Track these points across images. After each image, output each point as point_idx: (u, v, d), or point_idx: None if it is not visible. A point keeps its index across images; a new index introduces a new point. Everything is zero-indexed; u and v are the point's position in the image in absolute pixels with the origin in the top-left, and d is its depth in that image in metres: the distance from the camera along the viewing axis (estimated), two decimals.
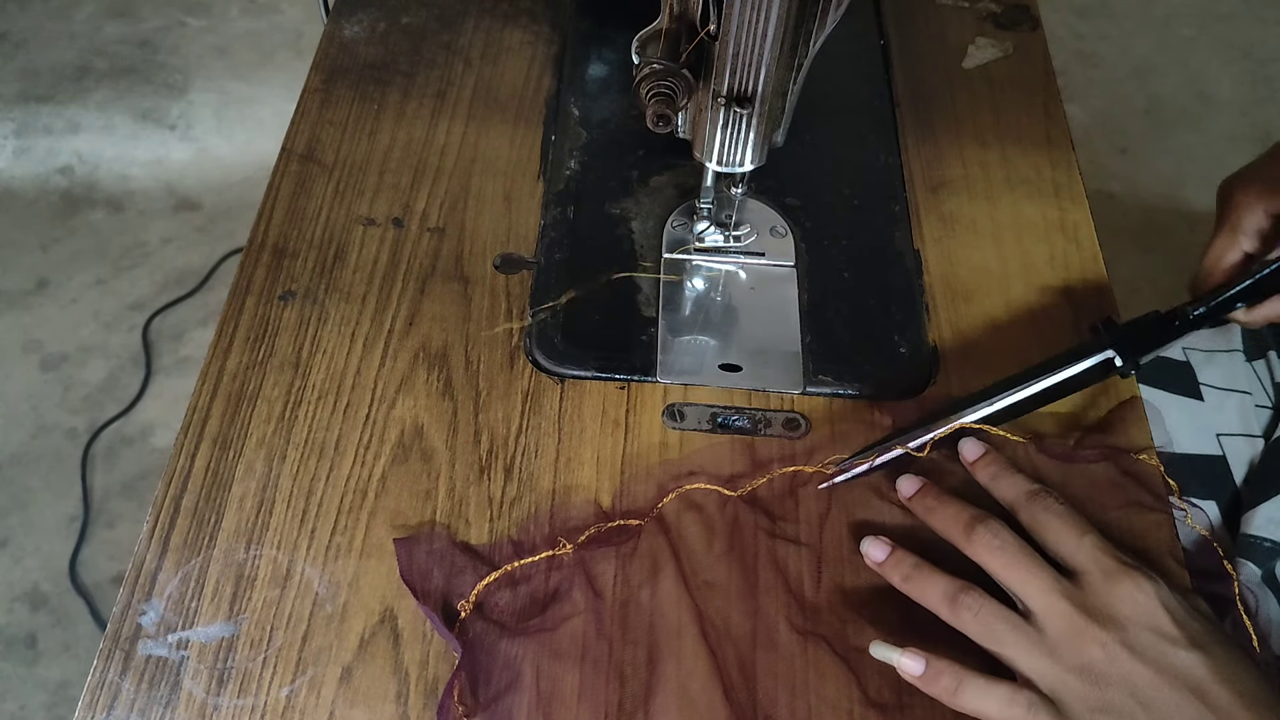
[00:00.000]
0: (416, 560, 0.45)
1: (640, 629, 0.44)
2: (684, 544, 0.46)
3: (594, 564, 0.45)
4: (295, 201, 0.58)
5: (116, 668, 0.42)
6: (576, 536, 0.46)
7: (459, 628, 0.43)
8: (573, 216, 0.58)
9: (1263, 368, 0.64)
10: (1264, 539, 0.57)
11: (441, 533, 0.46)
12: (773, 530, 0.47)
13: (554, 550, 0.45)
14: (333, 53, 0.66)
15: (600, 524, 0.46)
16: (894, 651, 0.42)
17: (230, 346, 0.52)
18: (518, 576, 0.45)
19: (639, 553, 0.46)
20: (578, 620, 0.44)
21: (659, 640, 0.43)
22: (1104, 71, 1.77)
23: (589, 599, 0.44)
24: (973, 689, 0.40)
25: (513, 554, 0.46)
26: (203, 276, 1.47)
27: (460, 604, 0.44)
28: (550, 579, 0.45)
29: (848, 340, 0.54)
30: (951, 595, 0.41)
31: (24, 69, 1.71)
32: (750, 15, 0.42)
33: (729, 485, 0.48)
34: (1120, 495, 0.48)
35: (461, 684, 0.42)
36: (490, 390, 0.51)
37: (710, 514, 0.47)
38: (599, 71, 0.66)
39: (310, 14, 1.78)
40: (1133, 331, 0.49)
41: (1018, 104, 0.65)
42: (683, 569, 0.45)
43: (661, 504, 0.47)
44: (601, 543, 0.46)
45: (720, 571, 0.45)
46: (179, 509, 0.46)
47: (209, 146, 1.63)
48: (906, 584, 0.43)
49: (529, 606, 0.44)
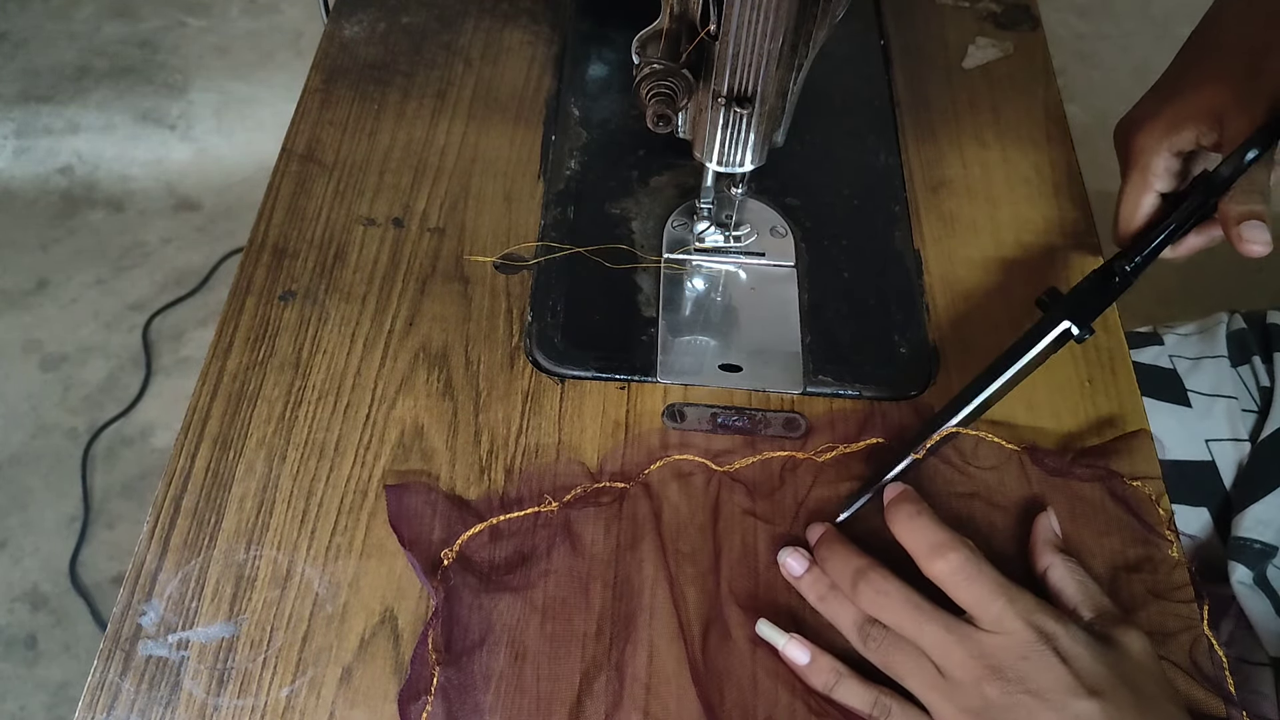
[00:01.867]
0: (406, 506, 0.46)
1: (617, 591, 0.44)
2: (666, 511, 0.47)
3: (578, 524, 0.46)
4: (295, 201, 0.58)
5: (116, 668, 0.42)
6: (565, 495, 0.47)
7: (440, 575, 0.44)
8: (573, 216, 0.58)
9: (1248, 372, 0.64)
10: (1254, 541, 0.57)
11: (433, 483, 0.47)
12: (752, 510, 0.47)
13: (539, 507, 0.46)
14: (333, 53, 0.66)
15: (587, 484, 0.47)
16: (780, 636, 0.43)
17: (230, 346, 0.52)
18: (503, 531, 0.46)
19: (623, 515, 0.46)
20: (556, 578, 0.44)
21: (634, 603, 0.44)
22: (1104, 71, 1.77)
23: (569, 558, 0.45)
24: (844, 688, 0.42)
25: (501, 508, 0.46)
26: (203, 276, 1.47)
27: (444, 552, 0.44)
28: (535, 535, 0.46)
29: (848, 340, 0.54)
30: (860, 624, 0.42)
31: (24, 69, 1.71)
32: (750, 15, 0.42)
33: (719, 461, 0.48)
34: (1104, 519, 0.48)
35: (436, 632, 0.42)
36: (490, 390, 0.51)
37: (696, 486, 0.48)
38: (599, 71, 0.66)
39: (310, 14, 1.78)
40: (1081, 297, 0.49)
41: (1018, 104, 0.65)
42: (662, 536, 0.46)
43: (649, 470, 0.48)
44: (587, 502, 0.47)
45: (695, 543, 0.46)
46: (179, 509, 0.46)
47: (209, 146, 1.63)
48: (821, 604, 0.44)
49: (511, 560, 0.45)
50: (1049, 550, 0.44)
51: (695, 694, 0.42)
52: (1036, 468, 0.49)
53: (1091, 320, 0.48)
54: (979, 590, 0.41)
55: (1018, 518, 0.47)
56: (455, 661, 0.42)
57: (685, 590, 0.44)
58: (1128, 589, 0.46)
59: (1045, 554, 0.44)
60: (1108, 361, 0.53)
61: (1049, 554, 0.44)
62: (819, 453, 0.49)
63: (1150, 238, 0.50)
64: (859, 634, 0.42)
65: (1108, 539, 0.47)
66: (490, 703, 0.41)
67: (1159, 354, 0.66)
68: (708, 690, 0.42)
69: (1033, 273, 0.57)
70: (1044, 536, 0.45)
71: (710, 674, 0.43)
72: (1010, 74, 0.67)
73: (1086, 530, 0.47)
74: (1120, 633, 0.41)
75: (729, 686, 0.42)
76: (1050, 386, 0.52)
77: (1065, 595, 0.43)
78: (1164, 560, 0.46)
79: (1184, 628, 0.45)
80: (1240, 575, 0.57)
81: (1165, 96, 0.53)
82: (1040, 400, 0.52)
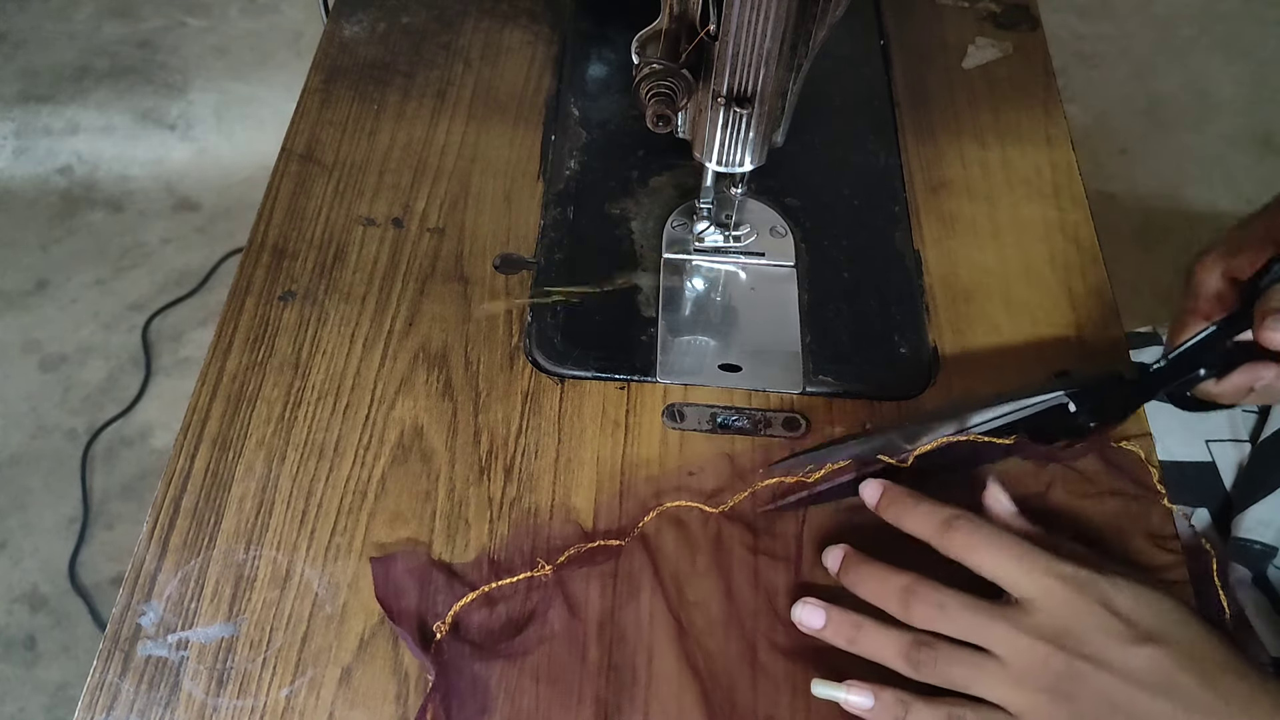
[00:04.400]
0: (393, 579, 0.44)
1: (619, 651, 0.43)
2: (666, 563, 0.46)
3: (573, 584, 0.45)
4: (295, 201, 0.58)
5: (116, 669, 0.42)
6: (557, 556, 0.45)
7: (434, 649, 0.43)
8: (573, 217, 0.58)
9: None
10: (1254, 541, 0.57)
11: (420, 551, 0.46)
12: (754, 546, 0.46)
13: (532, 571, 0.45)
14: (333, 53, 0.66)
15: (580, 544, 0.46)
16: (838, 690, 0.41)
17: (230, 347, 0.52)
18: (495, 597, 0.44)
19: (619, 573, 0.45)
20: (554, 642, 0.43)
21: (638, 662, 0.43)
22: (1104, 71, 1.77)
23: (566, 621, 0.44)
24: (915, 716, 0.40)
25: (491, 574, 0.45)
26: (203, 277, 1.47)
27: (436, 625, 0.43)
28: (528, 599, 0.44)
29: (848, 340, 0.54)
30: (905, 653, 0.41)
31: (24, 69, 1.71)
32: (750, 15, 0.42)
33: (710, 501, 0.47)
34: (1101, 483, 0.48)
35: (435, 707, 0.41)
36: (490, 391, 0.51)
37: (693, 531, 0.46)
38: (599, 71, 0.66)
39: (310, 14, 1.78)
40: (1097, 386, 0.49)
41: (1018, 104, 0.65)
42: (665, 588, 0.45)
43: (642, 523, 0.47)
44: (582, 563, 0.45)
45: (704, 590, 0.45)
46: (179, 510, 0.46)
47: (209, 146, 1.63)
48: (853, 646, 0.42)
49: (506, 627, 0.44)
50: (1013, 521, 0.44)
51: None
52: (1028, 457, 0.48)
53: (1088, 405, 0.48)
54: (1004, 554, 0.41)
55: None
56: None
57: (700, 638, 0.43)
58: (1135, 551, 0.46)
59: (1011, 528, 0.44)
60: (1108, 362, 0.53)
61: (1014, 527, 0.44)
62: (807, 473, 0.48)
63: (1191, 361, 0.48)
64: (908, 662, 0.41)
65: (1107, 503, 0.47)
66: None
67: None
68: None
69: (1032, 273, 0.57)
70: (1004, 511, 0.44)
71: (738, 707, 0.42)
72: (1010, 74, 0.67)
73: (1086, 500, 0.47)
74: None
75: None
76: None
77: None
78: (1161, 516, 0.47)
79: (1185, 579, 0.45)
80: (1240, 576, 0.57)
81: (1233, 231, 0.52)
82: None
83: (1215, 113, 1.70)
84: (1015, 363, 0.53)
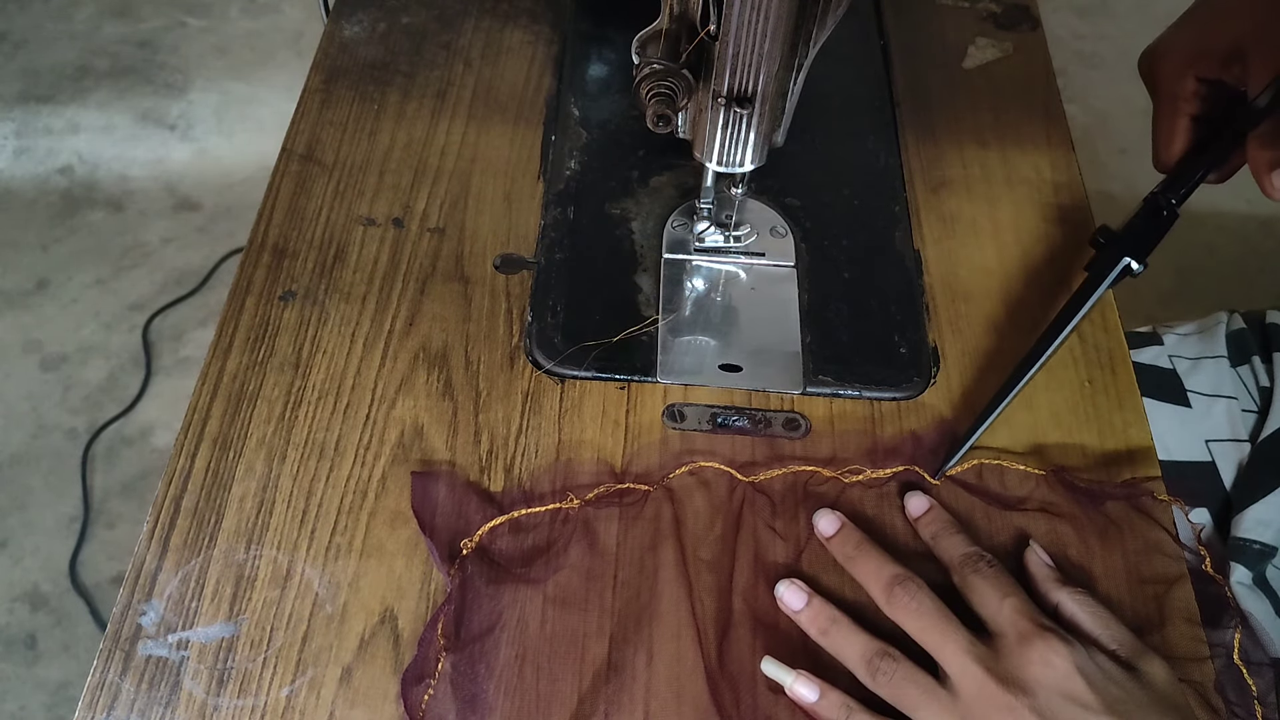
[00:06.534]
0: (430, 494, 0.46)
1: (631, 591, 0.44)
2: (687, 517, 0.47)
3: (598, 523, 0.46)
4: (295, 201, 0.58)
5: (116, 668, 0.42)
6: (587, 493, 0.47)
7: (458, 564, 0.44)
8: (573, 216, 0.58)
9: (1247, 372, 0.64)
10: (1254, 541, 0.57)
11: (458, 474, 0.47)
12: (772, 525, 0.47)
13: (561, 504, 0.46)
14: (333, 53, 0.66)
15: (610, 484, 0.47)
16: (786, 674, 0.42)
17: (230, 347, 0.52)
18: (523, 524, 0.46)
19: (643, 517, 0.46)
20: (570, 573, 0.45)
21: (646, 605, 0.44)
22: (1104, 71, 1.77)
23: (586, 555, 0.45)
24: None
25: (523, 502, 0.47)
26: (203, 276, 1.47)
27: (463, 542, 0.45)
28: (554, 530, 0.46)
29: (848, 340, 0.54)
30: (868, 658, 0.41)
31: (24, 69, 1.71)
32: (750, 15, 0.42)
33: (743, 471, 0.48)
34: (1138, 538, 0.47)
35: (447, 618, 0.42)
36: (490, 390, 0.51)
37: (719, 494, 0.47)
38: (599, 71, 0.66)
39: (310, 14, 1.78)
40: (1136, 232, 0.50)
41: (1018, 104, 0.65)
42: (681, 542, 0.46)
43: (673, 474, 0.48)
44: (609, 502, 0.47)
45: (715, 552, 0.46)
46: (179, 509, 0.46)
47: (209, 146, 1.63)
48: (824, 638, 0.43)
49: (529, 554, 0.45)
50: (1052, 585, 0.43)
51: (707, 699, 0.41)
52: (1062, 490, 0.48)
53: (1148, 254, 0.48)
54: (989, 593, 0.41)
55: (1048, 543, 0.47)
56: (462, 649, 0.42)
57: (703, 598, 0.44)
58: (1157, 606, 0.45)
59: (1050, 590, 0.43)
60: (1108, 362, 0.53)
61: (1054, 590, 0.43)
62: (845, 474, 0.48)
63: (1191, 166, 0.49)
64: (867, 668, 0.41)
65: (1138, 557, 0.47)
66: (492, 695, 0.41)
67: (1159, 354, 0.66)
68: (721, 697, 0.42)
69: (1032, 273, 0.57)
70: (1041, 574, 0.44)
71: (724, 681, 0.42)
72: (1010, 74, 0.67)
73: (1116, 550, 0.47)
74: (1143, 661, 0.40)
75: (743, 694, 0.42)
76: (1050, 387, 0.52)
77: (1082, 627, 0.42)
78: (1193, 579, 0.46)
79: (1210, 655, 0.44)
80: (1240, 576, 0.57)
81: (1188, 26, 0.53)
82: (1040, 401, 0.52)
83: None
84: (1015, 363, 0.53)
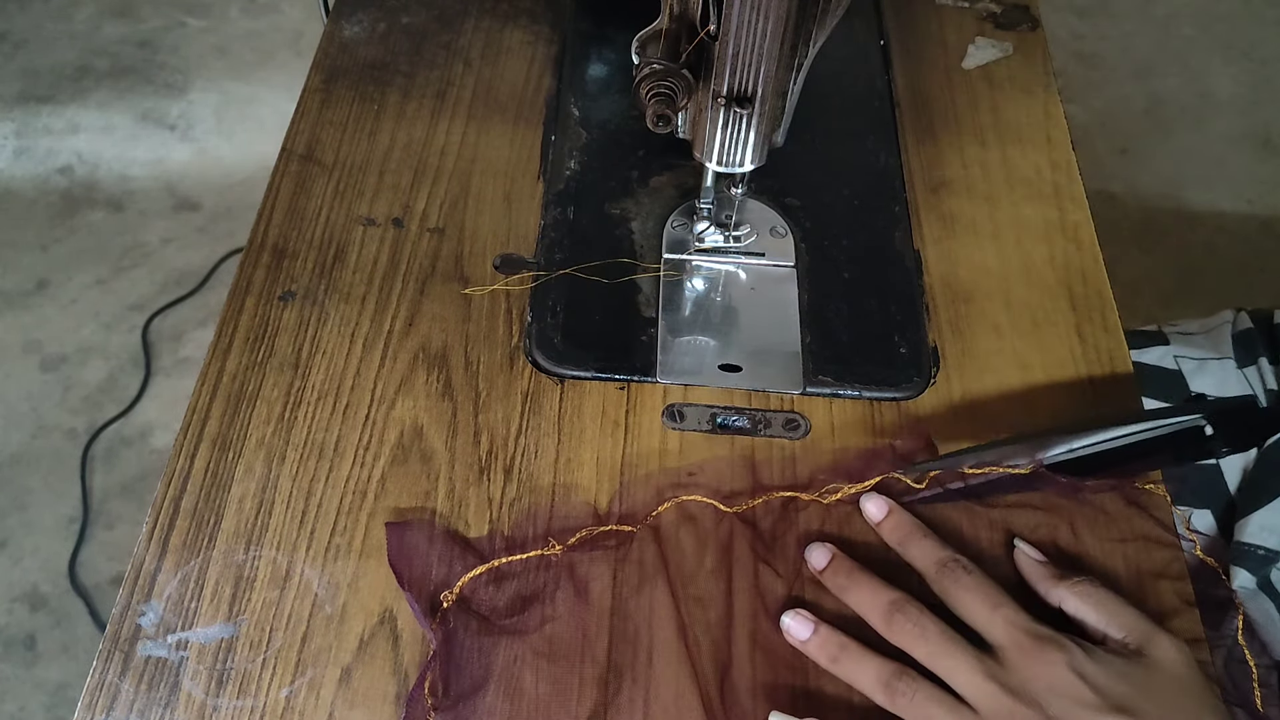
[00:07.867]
0: (407, 546, 0.45)
1: (623, 637, 0.43)
2: (675, 555, 0.45)
3: (582, 567, 0.45)
4: (295, 202, 0.58)
5: (116, 669, 0.42)
6: (569, 538, 0.45)
7: (439, 618, 0.43)
8: (573, 217, 0.58)
9: (1254, 374, 0.64)
10: (1258, 546, 0.57)
11: (436, 522, 0.46)
12: (762, 554, 0.46)
13: (543, 550, 0.45)
14: (333, 53, 0.66)
15: (593, 527, 0.46)
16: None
17: (230, 347, 0.52)
18: (505, 572, 0.45)
19: (630, 559, 0.45)
20: (558, 623, 0.43)
21: (640, 650, 0.43)
22: (1104, 71, 1.77)
23: (572, 603, 0.44)
24: None
25: (504, 549, 0.45)
26: (203, 277, 1.47)
27: (444, 594, 0.44)
28: (537, 578, 0.45)
29: (848, 340, 0.54)
30: (885, 680, 0.40)
31: (24, 69, 1.71)
32: (750, 15, 0.42)
33: (727, 501, 0.47)
34: (1126, 527, 0.47)
35: (434, 676, 0.41)
36: (490, 391, 0.51)
37: (705, 528, 0.46)
38: (599, 71, 0.66)
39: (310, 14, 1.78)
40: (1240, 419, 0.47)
41: (1018, 104, 0.65)
42: (671, 581, 0.45)
43: (657, 512, 0.47)
44: (592, 546, 0.45)
45: (708, 588, 0.45)
46: (178, 510, 0.46)
47: (209, 146, 1.63)
48: (835, 665, 0.42)
49: (513, 604, 0.44)
50: (1051, 584, 0.43)
51: None
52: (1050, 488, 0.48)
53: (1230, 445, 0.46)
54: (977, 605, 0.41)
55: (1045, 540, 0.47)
56: (453, 707, 0.41)
57: (699, 637, 0.43)
58: (1155, 596, 0.45)
59: (1050, 590, 0.43)
60: (1108, 362, 0.53)
61: (1053, 589, 0.43)
62: (823, 494, 0.48)
63: None
64: (886, 691, 0.40)
65: (1127, 545, 0.46)
66: None
67: (1163, 354, 0.66)
68: None
69: (1032, 273, 0.57)
70: (1036, 573, 0.44)
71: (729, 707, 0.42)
72: (1010, 74, 0.67)
73: (1106, 540, 0.47)
74: (1153, 646, 0.40)
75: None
76: (1051, 387, 0.52)
77: (1089, 623, 0.42)
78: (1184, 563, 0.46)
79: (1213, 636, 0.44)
80: (1243, 580, 0.57)
81: None
82: (1041, 401, 0.52)
83: (1215, 113, 1.70)
84: (1015, 363, 0.53)
